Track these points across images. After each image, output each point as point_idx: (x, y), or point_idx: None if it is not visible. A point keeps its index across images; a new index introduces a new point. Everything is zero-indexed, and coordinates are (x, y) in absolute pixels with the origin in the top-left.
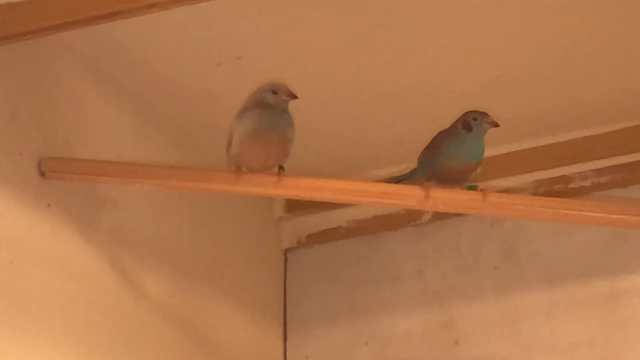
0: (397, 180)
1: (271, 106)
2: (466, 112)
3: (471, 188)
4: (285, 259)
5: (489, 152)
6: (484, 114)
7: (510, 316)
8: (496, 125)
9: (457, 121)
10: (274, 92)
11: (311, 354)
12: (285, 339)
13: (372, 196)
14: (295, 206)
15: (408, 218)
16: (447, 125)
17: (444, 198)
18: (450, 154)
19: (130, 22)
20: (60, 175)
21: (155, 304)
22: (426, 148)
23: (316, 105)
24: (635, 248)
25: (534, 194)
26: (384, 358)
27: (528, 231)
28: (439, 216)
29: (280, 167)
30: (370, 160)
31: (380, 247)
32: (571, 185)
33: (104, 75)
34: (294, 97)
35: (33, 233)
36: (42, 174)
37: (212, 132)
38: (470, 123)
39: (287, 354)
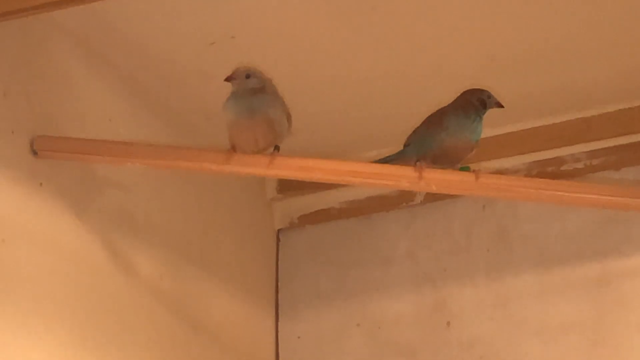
0: (386, 160)
1: (238, 92)
2: (475, 90)
3: (463, 169)
4: (278, 240)
5: (482, 134)
6: (491, 94)
7: (502, 298)
8: (501, 106)
9: (463, 99)
10: (247, 77)
11: (303, 335)
12: (277, 319)
13: (364, 177)
14: (287, 187)
15: (400, 199)
16: (439, 107)
17: (436, 179)
18: (455, 131)
19: (123, 1)
20: (53, 154)
21: (147, 284)
22: (424, 125)
23: (309, 86)
24: (627, 230)
25: (527, 176)
26: (376, 339)
27: (520, 213)
28: (431, 197)
29: (276, 147)
30: (362, 141)
31: (372, 228)
32: (564, 167)
33: (97, 54)
34: (229, 79)
35: (25, 212)
36: (35, 153)
37: (205, 111)
38: (485, 101)
39: (278, 334)
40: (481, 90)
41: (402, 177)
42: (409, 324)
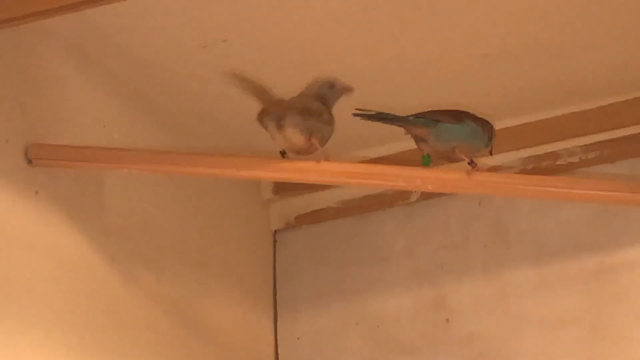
0: (385, 117)
1: (328, 102)
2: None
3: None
4: (275, 241)
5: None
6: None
7: (500, 293)
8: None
9: (478, 119)
10: (331, 87)
11: (302, 335)
12: (275, 320)
13: (359, 177)
14: (283, 188)
15: (396, 197)
16: (431, 106)
17: (432, 178)
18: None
19: (114, 6)
20: (48, 162)
21: (145, 288)
22: (445, 114)
23: (301, 87)
24: (624, 223)
25: (522, 171)
26: (375, 337)
27: (517, 208)
28: (427, 195)
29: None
30: (356, 140)
31: (369, 226)
32: (559, 162)
33: (89, 60)
34: (350, 90)
35: (21, 220)
36: (29, 161)
37: (199, 115)
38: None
39: (277, 335)
40: (491, 126)
41: (398, 176)
42: (407, 322)
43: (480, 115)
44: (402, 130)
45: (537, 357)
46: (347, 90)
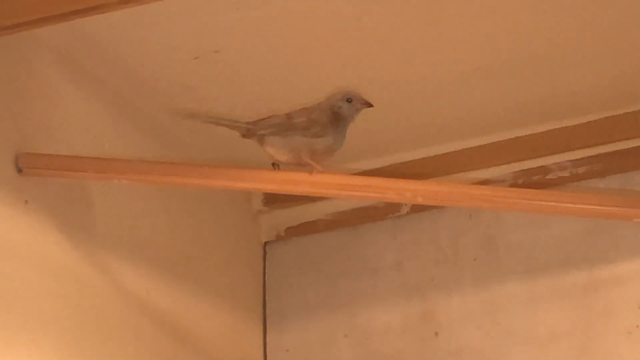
0: None
1: (345, 118)
2: None
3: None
4: (264, 253)
5: (466, 144)
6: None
7: (490, 307)
8: None
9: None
10: (349, 101)
11: (291, 347)
12: (265, 332)
13: (350, 189)
14: (273, 199)
15: (387, 210)
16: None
17: (422, 190)
18: None
19: (106, 16)
20: (38, 172)
21: (134, 299)
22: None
23: (293, 99)
24: (614, 238)
25: (513, 185)
26: (364, 350)
27: (506, 222)
28: (417, 208)
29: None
30: (347, 152)
31: (359, 239)
32: (549, 176)
33: (80, 70)
34: (369, 105)
35: (10, 230)
36: (19, 170)
37: (190, 125)
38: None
39: (267, 347)
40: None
41: (389, 189)
42: (396, 335)
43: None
44: (393, 142)
45: None
46: (365, 104)
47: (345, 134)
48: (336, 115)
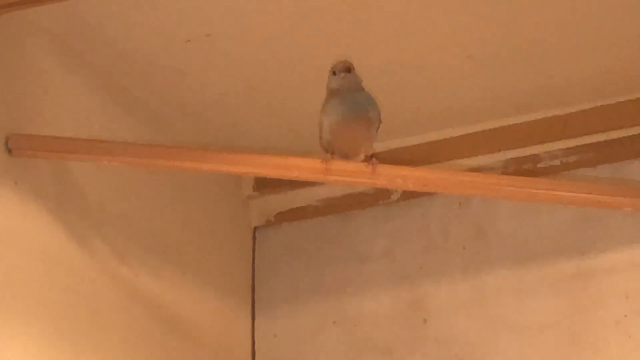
0: None
1: (336, 90)
2: None
3: None
4: (254, 238)
5: (457, 131)
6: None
7: (479, 295)
8: None
9: None
10: (334, 74)
11: (279, 333)
12: (253, 317)
13: (340, 175)
14: (264, 184)
15: (377, 197)
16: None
17: (412, 177)
18: None
19: None
20: (28, 153)
21: (123, 282)
22: None
23: (286, 83)
24: (603, 228)
25: (503, 173)
26: (352, 337)
27: (496, 211)
28: (407, 195)
29: (372, 156)
30: None
31: (349, 226)
32: (540, 165)
33: (72, 52)
34: (347, 70)
35: None
36: (9, 151)
37: (181, 109)
38: None
39: (255, 332)
40: None
41: (380, 175)
42: (385, 322)
43: None
44: (385, 129)
45: None
46: (344, 70)
47: (357, 102)
48: (330, 91)
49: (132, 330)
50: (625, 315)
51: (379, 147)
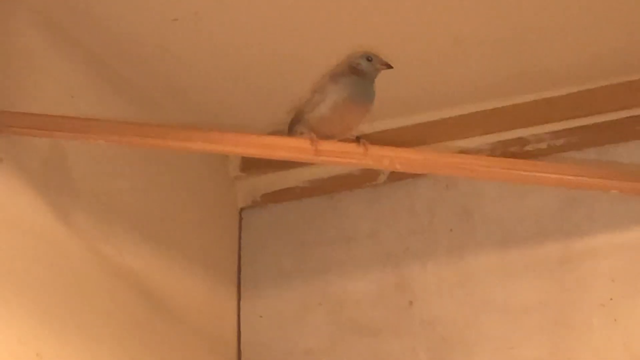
0: None
1: (365, 74)
2: None
3: None
4: (240, 219)
5: (444, 114)
6: None
7: (464, 278)
8: None
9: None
10: (369, 60)
11: (265, 314)
12: (239, 298)
13: (327, 155)
14: (250, 165)
15: (364, 178)
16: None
17: (400, 158)
18: None
19: None
20: (14, 130)
21: (108, 261)
22: None
23: (271, 64)
24: (589, 211)
25: (490, 156)
26: (338, 318)
27: (483, 193)
28: (394, 177)
29: (358, 138)
30: None
31: (335, 207)
32: (527, 148)
33: (58, 30)
34: (389, 66)
35: None
36: None
37: (168, 88)
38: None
39: (240, 313)
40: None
41: (366, 155)
42: (371, 303)
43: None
44: (374, 111)
45: (498, 342)
46: (385, 65)
47: (373, 91)
48: (353, 70)
49: (116, 308)
50: (611, 299)
51: (365, 128)
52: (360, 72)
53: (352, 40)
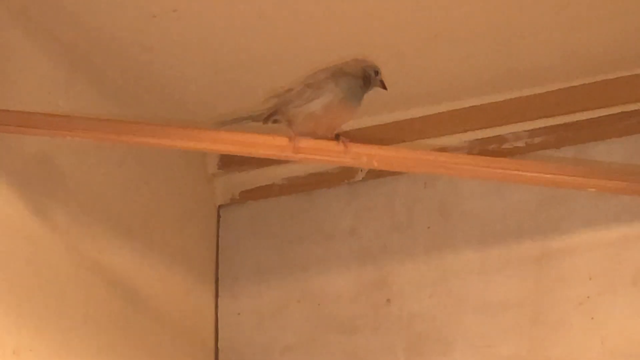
0: None
1: (368, 83)
2: None
3: None
4: (219, 216)
5: (423, 112)
6: None
7: (442, 275)
8: None
9: None
10: (376, 73)
11: (243, 311)
12: (217, 295)
13: (305, 152)
14: (229, 162)
15: (342, 176)
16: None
17: (378, 155)
18: None
19: None
20: None
21: (86, 257)
22: None
23: (249, 60)
24: (567, 209)
25: (469, 154)
26: (316, 315)
27: (461, 191)
28: (372, 174)
29: (338, 135)
30: None
31: (313, 204)
32: (505, 146)
33: (36, 25)
34: (384, 87)
35: None
36: None
37: (147, 84)
38: None
39: (218, 310)
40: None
41: (345, 152)
42: (349, 301)
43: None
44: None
45: (476, 340)
46: (381, 86)
47: (363, 98)
48: (365, 76)
49: (94, 305)
50: (588, 297)
51: (345, 126)
52: (366, 80)
53: (329, 36)
